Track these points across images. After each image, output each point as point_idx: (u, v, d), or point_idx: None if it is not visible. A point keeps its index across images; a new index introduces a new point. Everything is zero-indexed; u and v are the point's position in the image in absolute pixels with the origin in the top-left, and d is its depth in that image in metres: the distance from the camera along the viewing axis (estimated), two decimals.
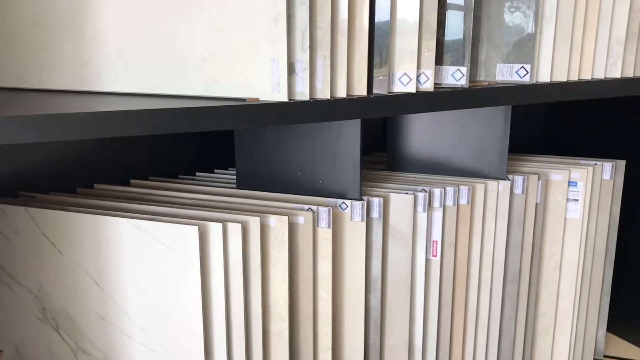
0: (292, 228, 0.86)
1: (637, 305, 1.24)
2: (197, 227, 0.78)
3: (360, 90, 0.76)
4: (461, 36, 0.82)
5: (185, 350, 0.82)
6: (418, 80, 0.79)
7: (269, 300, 0.86)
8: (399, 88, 0.78)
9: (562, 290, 1.12)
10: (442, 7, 0.81)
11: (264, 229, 0.84)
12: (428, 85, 0.79)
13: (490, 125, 1.01)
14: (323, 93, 0.73)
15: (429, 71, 0.79)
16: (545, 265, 1.11)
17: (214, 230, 0.79)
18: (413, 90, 0.78)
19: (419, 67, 0.78)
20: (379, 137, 1.30)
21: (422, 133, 1.06)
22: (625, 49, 0.94)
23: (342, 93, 0.74)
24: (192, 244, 0.79)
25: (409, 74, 0.78)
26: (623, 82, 0.95)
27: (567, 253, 1.10)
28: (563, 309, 1.13)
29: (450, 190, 0.96)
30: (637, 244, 1.23)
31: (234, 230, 0.80)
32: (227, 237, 0.80)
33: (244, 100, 0.71)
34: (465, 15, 0.81)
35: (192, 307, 0.80)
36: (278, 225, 0.83)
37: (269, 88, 0.71)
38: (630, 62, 0.95)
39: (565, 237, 1.10)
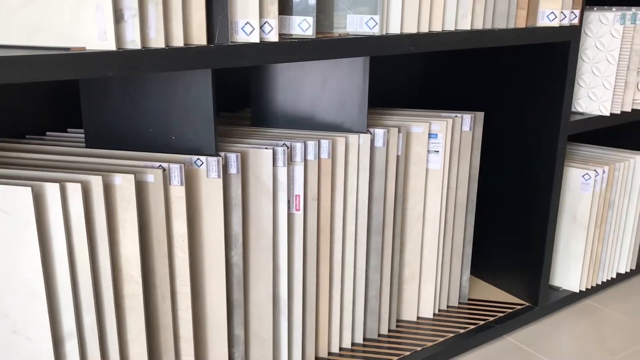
0: (141, 187, 0.83)
1: (498, 250, 1.31)
2: (30, 188, 0.73)
3: (200, 39, 0.73)
4: None
5: (30, 317, 0.78)
6: (262, 30, 0.77)
7: (119, 262, 0.83)
8: (242, 38, 0.76)
9: (426, 239, 1.16)
10: None
11: (109, 189, 0.80)
12: (273, 35, 0.77)
13: (350, 79, 1.01)
14: (157, 42, 0.70)
15: (273, 20, 0.77)
16: (409, 215, 1.14)
17: (51, 191, 0.75)
18: (257, 40, 0.76)
19: (262, 16, 0.76)
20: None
21: (286, 88, 1.05)
22: (474, 2, 0.97)
23: (178, 42, 0.71)
24: (26, 206, 0.74)
25: (251, 23, 0.76)
26: (473, 33, 0.97)
27: (430, 203, 1.15)
28: (428, 256, 1.17)
29: (311, 144, 0.96)
30: (497, 192, 1.29)
31: (74, 190, 0.76)
32: (66, 198, 0.76)
33: (68, 49, 0.66)
34: None
35: (33, 272, 0.76)
36: (124, 184, 0.80)
37: (95, 36, 0.66)
38: (480, 14, 0.98)
39: (428, 187, 1.14)
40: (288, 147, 0.94)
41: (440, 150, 1.12)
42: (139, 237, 0.82)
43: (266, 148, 0.92)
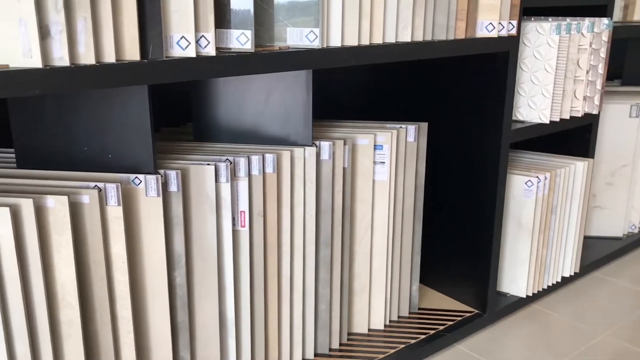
0: (76, 209, 0.79)
1: (446, 259, 1.32)
2: None
3: (133, 54, 0.71)
4: None
5: None
6: (198, 44, 0.75)
7: (55, 288, 0.79)
8: (177, 52, 0.74)
9: (375, 250, 1.16)
10: None
11: (41, 212, 0.76)
12: (210, 50, 0.76)
13: (294, 92, 1.00)
14: (87, 58, 0.67)
15: (209, 34, 0.75)
16: (357, 227, 1.14)
17: None
18: (193, 55, 0.74)
19: (198, 29, 0.75)
20: None
21: (229, 101, 1.03)
22: (414, 14, 0.98)
23: (110, 58, 0.69)
24: None
25: (187, 37, 0.74)
26: (413, 45, 0.98)
27: (378, 214, 1.14)
28: (377, 267, 1.17)
29: (255, 159, 0.95)
30: (443, 201, 1.30)
31: (2, 214, 0.72)
32: None
33: None
34: None
35: None
36: (57, 206, 0.76)
37: (20, 53, 0.63)
38: (420, 26, 0.99)
39: (375, 198, 1.14)
40: (231, 163, 0.93)
41: (386, 161, 1.12)
42: (75, 261, 0.79)
43: (208, 164, 0.90)
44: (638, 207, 1.67)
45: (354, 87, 1.40)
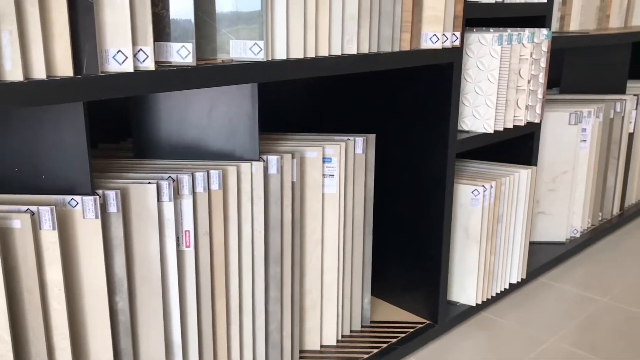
0: (6, 234, 0.74)
1: (397, 270, 1.32)
2: None
3: (65, 70, 0.66)
4: (186, 9, 0.76)
5: None
6: (136, 58, 0.72)
7: None
8: (114, 67, 0.70)
9: (325, 265, 1.14)
10: None
11: None
12: (148, 64, 0.72)
13: (239, 105, 0.97)
14: (13, 74, 0.62)
15: (148, 48, 0.72)
16: (307, 242, 1.11)
17: None
18: (131, 70, 0.71)
19: (135, 43, 0.71)
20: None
21: (170, 115, 1.00)
22: (359, 26, 0.97)
23: (40, 74, 0.64)
24: None
25: (124, 51, 0.70)
26: (359, 58, 0.97)
27: (328, 228, 1.13)
28: (328, 282, 1.15)
29: (199, 175, 0.91)
30: (392, 212, 1.30)
31: None
32: None
33: None
34: None
35: None
36: None
37: None
38: (365, 38, 0.98)
39: (325, 212, 1.12)
40: (174, 180, 0.89)
41: (335, 174, 1.11)
42: (5, 290, 0.73)
43: (149, 182, 0.86)
44: (579, 212, 1.72)
45: (301, 98, 1.38)
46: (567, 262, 1.64)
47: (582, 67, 1.92)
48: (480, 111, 1.27)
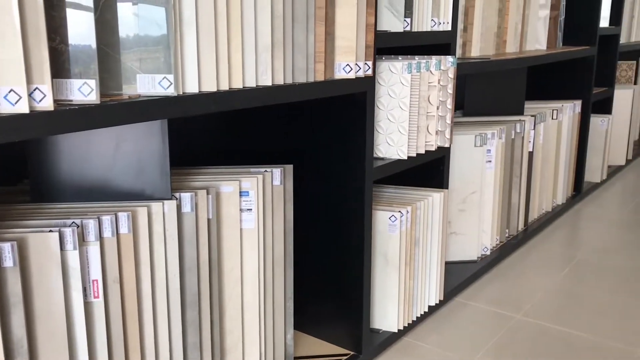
0: None
1: (319, 301, 1.29)
2: None
3: None
4: (88, 42, 0.70)
5: None
6: (32, 98, 0.65)
7: None
8: (6, 108, 0.63)
9: (246, 303, 1.09)
10: (59, 6, 0.68)
11: None
12: (46, 104, 0.66)
13: (148, 141, 0.92)
14: None
15: (45, 86, 0.65)
16: (226, 281, 1.06)
17: None
18: (26, 111, 0.64)
19: (30, 81, 0.64)
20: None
21: (72, 153, 0.92)
22: (273, 57, 0.94)
23: None
24: None
25: (17, 90, 0.63)
26: (274, 89, 0.94)
27: (247, 264, 1.08)
28: (249, 321, 1.10)
29: (106, 219, 0.84)
30: (312, 242, 1.28)
31: None
32: None
33: None
34: (94, 17, 0.70)
35: None
36: None
37: None
38: (280, 69, 0.96)
39: (243, 248, 1.07)
40: (78, 226, 0.81)
41: (253, 208, 1.07)
42: None
43: (51, 230, 0.78)
44: (488, 230, 1.78)
45: (214, 129, 1.34)
46: (480, 280, 1.68)
47: (483, 90, 2.01)
48: (394, 138, 1.28)
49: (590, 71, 2.30)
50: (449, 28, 1.39)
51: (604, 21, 2.49)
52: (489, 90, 2.00)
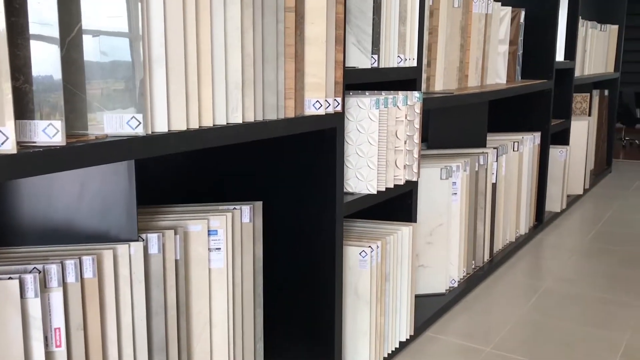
0: None
1: (290, 340, 1.26)
2: None
3: None
4: (53, 82, 0.68)
5: None
6: None
7: None
8: None
9: (215, 345, 1.06)
10: (23, 45, 0.66)
11: None
12: (9, 146, 0.63)
13: (114, 182, 0.89)
14: None
15: (7, 129, 0.62)
16: (194, 324, 1.03)
17: None
18: None
19: None
20: None
21: (34, 195, 0.88)
22: (243, 95, 0.93)
23: None
24: None
25: None
26: (245, 127, 0.93)
27: (216, 305, 1.05)
28: None
29: (70, 264, 0.81)
30: (283, 280, 1.25)
31: None
32: None
33: None
34: (60, 55, 0.67)
35: None
36: None
37: None
38: (250, 107, 0.94)
39: (212, 289, 1.04)
40: (40, 272, 0.78)
41: (222, 246, 1.04)
42: None
43: (10, 277, 0.74)
44: (455, 262, 1.78)
45: (183, 166, 1.31)
46: (449, 313, 1.68)
47: (447, 123, 2.04)
48: (363, 173, 1.27)
49: (548, 103, 2.37)
50: (415, 64, 1.41)
51: (560, 55, 2.58)
52: (452, 123, 2.04)
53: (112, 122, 0.75)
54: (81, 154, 0.69)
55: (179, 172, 1.31)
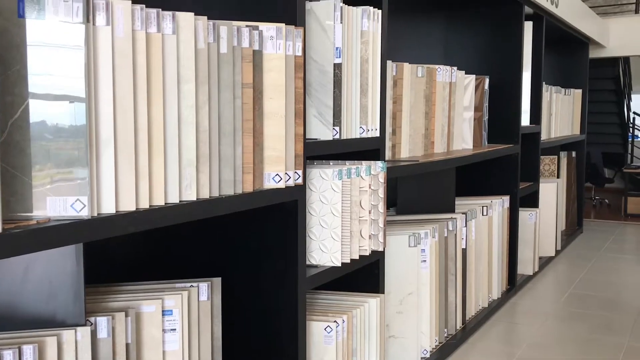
0: None
1: None
2: None
3: None
4: None
5: None
6: None
7: None
8: None
9: None
10: None
11: None
12: None
13: (61, 263, 0.85)
14: None
15: None
16: None
17: None
18: None
19: None
20: None
21: None
22: (198, 171, 0.91)
23: None
24: None
25: None
26: (199, 204, 0.91)
27: None
28: None
29: (7, 354, 0.76)
30: (242, 359, 1.20)
31: None
32: None
33: None
34: (0, 138, 0.65)
35: None
36: None
37: None
38: (205, 183, 0.93)
39: None
40: None
41: (178, 327, 1.00)
42: None
43: None
44: (426, 331, 1.74)
45: (136, 240, 1.27)
46: None
47: (414, 188, 2.04)
48: (327, 244, 1.25)
49: (515, 167, 2.40)
50: (377, 134, 1.41)
51: (525, 119, 2.64)
52: (420, 188, 2.04)
53: (56, 206, 0.73)
54: (20, 241, 0.66)
55: (132, 247, 1.27)
